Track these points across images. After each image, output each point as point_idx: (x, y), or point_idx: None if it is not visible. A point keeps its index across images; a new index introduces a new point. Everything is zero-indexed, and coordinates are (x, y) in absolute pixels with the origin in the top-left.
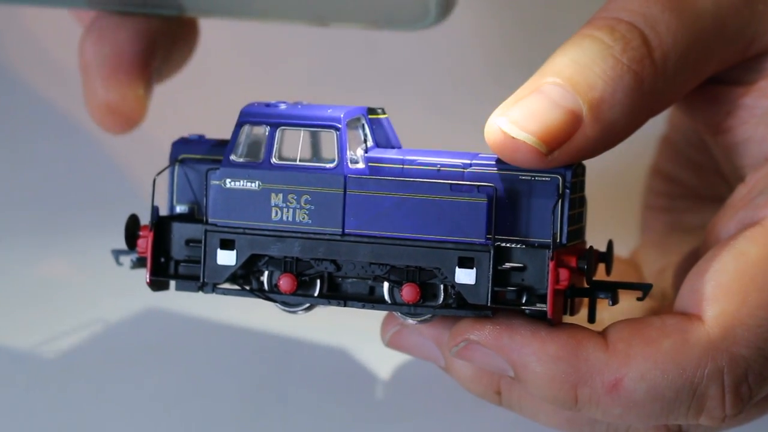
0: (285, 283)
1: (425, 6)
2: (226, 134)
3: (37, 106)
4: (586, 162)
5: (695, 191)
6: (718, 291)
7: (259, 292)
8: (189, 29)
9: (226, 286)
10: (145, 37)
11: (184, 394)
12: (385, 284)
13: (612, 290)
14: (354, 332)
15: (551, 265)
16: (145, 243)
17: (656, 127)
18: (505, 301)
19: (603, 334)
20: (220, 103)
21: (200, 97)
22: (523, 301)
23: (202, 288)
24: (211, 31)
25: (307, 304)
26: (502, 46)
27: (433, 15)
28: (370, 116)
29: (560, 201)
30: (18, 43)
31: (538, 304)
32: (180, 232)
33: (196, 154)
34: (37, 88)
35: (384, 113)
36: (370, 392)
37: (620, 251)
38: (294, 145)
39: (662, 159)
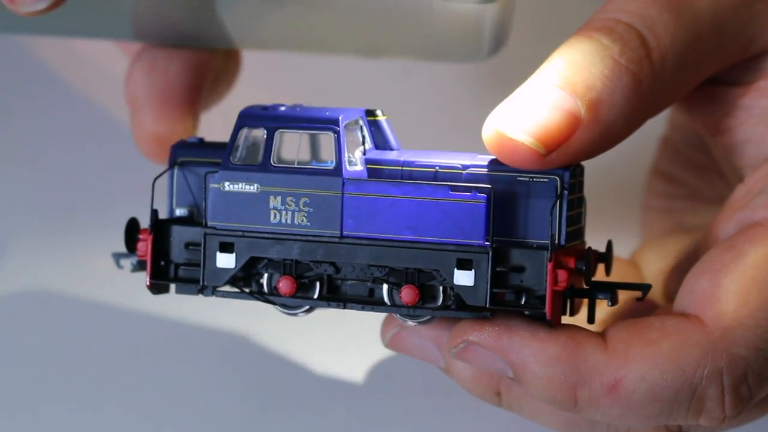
0: (284, 285)
1: (478, 42)
2: (225, 137)
3: (38, 108)
4: (585, 163)
5: (695, 192)
6: (718, 292)
7: (258, 295)
8: (235, 59)
9: (226, 288)
10: (195, 71)
11: (184, 397)
12: (384, 286)
13: (611, 291)
14: (354, 334)
15: (550, 266)
16: (144, 246)
17: (656, 127)
18: (504, 303)
19: (602, 335)
20: (218, 106)
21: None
22: (522, 303)
23: (201, 291)
24: None
25: (307, 307)
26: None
27: (486, 51)
28: (368, 118)
29: (558, 202)
30: (17, 42)
31: (537, 306)
32: (179, 235)
33: (195, 157)
34: (38, 89)
35: (382, 115)
36: (370, 394)
37: (621, 252)
38: (293, 148)
39: (662, 160)
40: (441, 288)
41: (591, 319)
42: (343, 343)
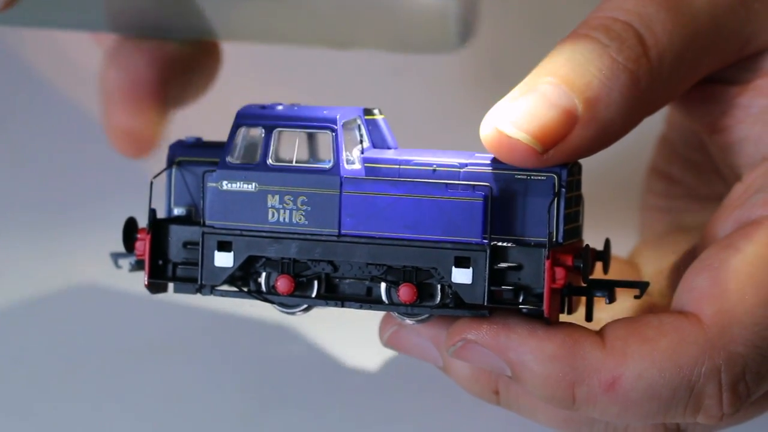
0: (282, 284)
1: (444, 33)
2: (223, 136)
3: (37, 107)
4: (584, 162)
5: (693, 191)
6: (715, 289)
7: (256, 294)
8: (210, 54)
9: (224, 287)
10: (161, 64)
11: (183, 396)
12: (382, 285)
13: (609, 288)
14: (352, 333)
15: (547, 264)
16: (143, 246)
17: (654, 126)
18: (502, 301)
19: (600, 332)
20: (216, 105)
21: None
22: (520, 301)
23: (200, 290)
24: None
25: (305, 305)
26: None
27: (453, 41)
28: (366, 117)
29: (556, 200)
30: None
31: (535, 304)
32: (177, 234)
33: (193, 157)
34: (37, 88)
35: (380, 114)
36: (368, 392)
37: (619, 250)
38: (290, 147)
39: (660, 159)
40: (439, 286)
41: (589, 316)
42: (341, 341)
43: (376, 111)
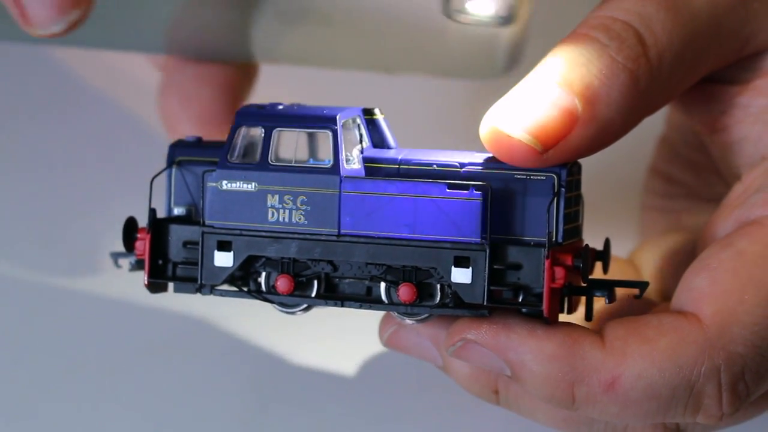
0: (282, 284)
1: (492, 61)
2: (223, 136)
3: (36, 107)
4: (584, 162)
5: (694, 191)
6: (715, 289)
7: (256, 294)
8: (254, 73)
9: (224, 287)
10: (225, 92)
11: (183, 396)
12: (382, 284)
13: (609, 288)
14: (352, 332)
15: (547, 263)
16: (142, 245)
17: (655, 127)
18: (501, 300)
19: (600, 332)
20: None
21: None
22: (520, 300)
23: (199, 290)
24: None
25: (305, 305)
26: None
27: (500, 69)
28: (365, 117)
29: (555, 199)
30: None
31: (534, 303)
32: (177, 234)
33: (193, 157)
34: (37, 87)
35: (380, 113)
36: (368, 392)
37: (618, 250)
38: (290, 146)
39: (660, 159)
40: (438, 286)
41: (589, 316)
42: (341, 341)
43: (375, 111)
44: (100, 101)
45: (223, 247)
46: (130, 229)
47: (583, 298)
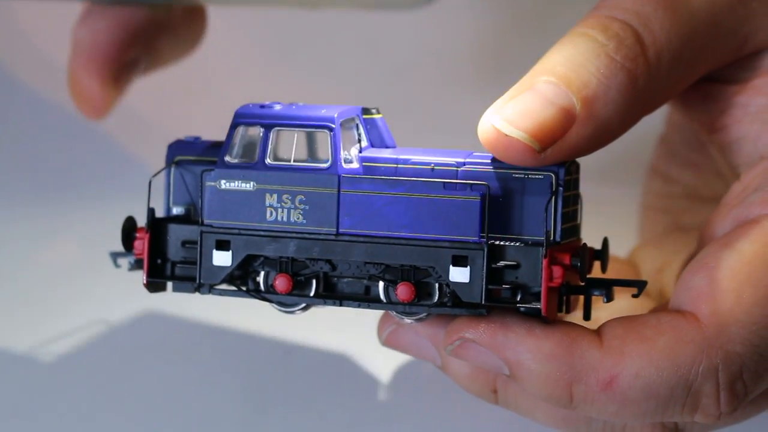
0: (281, 283)
1: None
2: (222, 135)
3: (36, 105)
4: (583, 161)
5: (693, 191)
6: (713, 288)
7: (255, 293)
8: (191, 18)
9: (223, 286)
10: (124, 28)
11: (183, 395)
12: (381, 283)
13: (607, 287)
14: (350, 332)
15: (545, 262)
16: (141, 245)
17: (654, 126)
18: (499, 299)
19: (598, 331)
20: (215, 105)
21: (196, 98)
22: (518, 299)
23: (198, 289)
24: (210, 34)
25: (303, 304)
26: (497, 44)
27: None
28: (364, 116)
29: (553, 198)
30: (12, 38)
31: (532, 302)
32: (176, 233)
33: (191, 156)
34: (36, 85)
35: (378, 113)
36: (367, 392)
37: (618, 250)
38: (289, 146)
39: (660, 159)
40: (437, 285)
41: (587, 315)
42: (340, 340)
43: (374, 110)
44: None
45: (222, 246)
46: (129, 228)
47: (582, 297)
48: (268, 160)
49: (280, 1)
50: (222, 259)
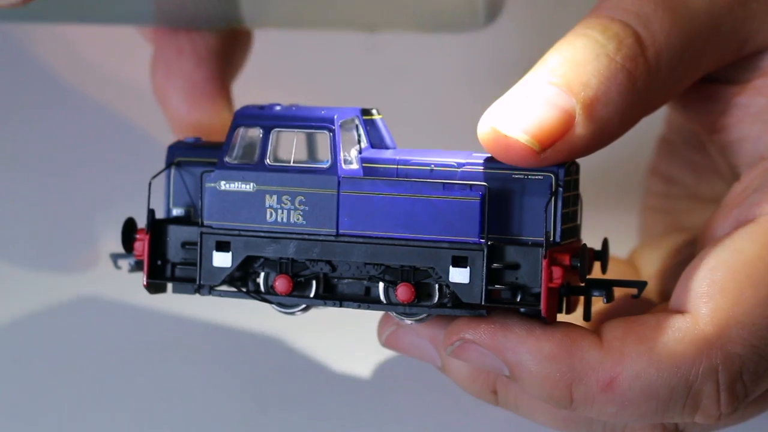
0: (280, 284)
1: (473, 10)
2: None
3: (34, 107)
4: (583, 162)
5: (693, 192)
6: (713, 289)
7: (255, 294)
8: (243, 41)
9: (223, 288)
10: (209, 61)
11: (183, 395)
12: (380, 284)
13: (607, 288)
14: (351, 333)
15: (544, 263)
16: (141, 246)
17: (654, 127)
18: (499, 300)
19: (598, 332)
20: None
21: None
22: (518, 300)
23: (198, 290)
24: None
25: (303, 305)
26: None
27: (481, 19)
28: (364, 117)
29: (553, 199)
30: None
31: (532, 303)
32: (176, 234)
33: (191, 157)
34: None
35: (378, 114)
36: (367, 392)
37: (619, 251)
38: (289, 147)
39: (660, 160)
40: (437, 286)
41: (587, 316)
42: (340, 341)
43: (374, 111)
44: (100, 101)
45: (222, 247)
46: (129, 230)
47: (582, 298)
48: (267, 161)
49: (336, 24)
50: (222, 260)
